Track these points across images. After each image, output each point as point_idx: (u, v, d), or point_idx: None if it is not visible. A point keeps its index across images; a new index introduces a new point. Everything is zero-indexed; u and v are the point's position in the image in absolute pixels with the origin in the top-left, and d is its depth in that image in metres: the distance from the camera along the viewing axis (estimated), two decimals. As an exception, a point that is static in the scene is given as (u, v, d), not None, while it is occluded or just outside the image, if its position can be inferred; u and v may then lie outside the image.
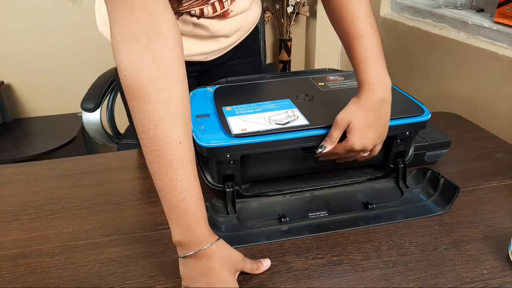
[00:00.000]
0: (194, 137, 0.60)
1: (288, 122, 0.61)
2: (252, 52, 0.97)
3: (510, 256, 0.54)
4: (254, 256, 0.56)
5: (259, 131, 0.59)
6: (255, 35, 0.96)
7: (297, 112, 0.64)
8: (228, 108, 0.67)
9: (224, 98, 0.70)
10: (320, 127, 0.61)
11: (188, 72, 0.86)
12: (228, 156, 0.59)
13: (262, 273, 0.53)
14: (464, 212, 0.64)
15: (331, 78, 0.78)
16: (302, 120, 0.62)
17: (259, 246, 0.58)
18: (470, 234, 0.59)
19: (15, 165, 0.81)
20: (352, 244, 0.58)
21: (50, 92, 1.80)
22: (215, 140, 0.59)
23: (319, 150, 0.60)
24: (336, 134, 0.59)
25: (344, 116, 0.58)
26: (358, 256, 0.56)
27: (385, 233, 0.60)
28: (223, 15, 0.77)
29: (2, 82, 1.71)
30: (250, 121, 0.62)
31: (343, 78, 0.78)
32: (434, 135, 0.75)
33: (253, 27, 0.92)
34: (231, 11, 0.78)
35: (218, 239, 0.50)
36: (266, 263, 0.54)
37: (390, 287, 0.51)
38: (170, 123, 0.46)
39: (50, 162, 0.81)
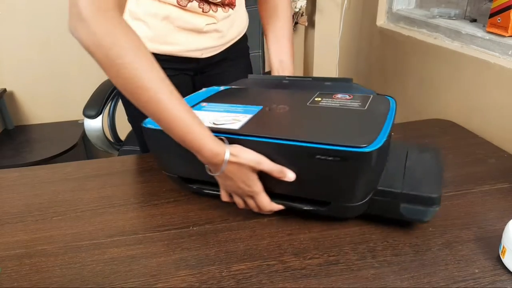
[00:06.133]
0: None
1: (222, 124, 0.61)
2: (243, 54, 1.01)
3: (500, 256, 0.55)
4: (248, 253, 0.58)
5: None
6: (245, 40, 1.01)
7: (246, 118, 0.63)
8: (204, 103, 0.69)
9: (218, 96, 0.73)
10: (239, 133, 0.58)
11: (183, 70, 0.95)
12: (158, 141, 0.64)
13: (261, 272, 0.55)
14: (457, 215, 0.66)
15: (338, 96, 0.69)
16: (235, 125, 0.60)
17: (257, 246, 0.60)
18: (462, 235, 0.61)
19: (20, 169, 0.83)
20: (348, 244, 0.60)
21: (51, 100, 1.82)
22: (152, 124, 0.62)
23: None
24: None
25: None
26: (354, 256, 0.57)
27: (380, 234, 0.61)
28: (230, 2, 0.82)
29: (5, 89, 1.73)
30: (202, 116, 0.62)
31: (350, 97, 0.68)
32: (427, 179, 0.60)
33: (244, 31, 0.98)
34: None
35: (226, 151, 0.56)
36: (290, 174, 0.56)
37: (385, 285, 0.52)
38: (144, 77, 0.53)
39: (54, 167, 0.83)
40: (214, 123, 0.61)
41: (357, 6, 1.64)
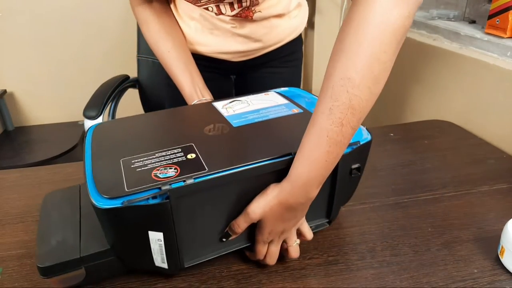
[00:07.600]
0: None
1: (226, 105, 0.65)
2: (290, 63, 0.96)
3: (499, 256, 0.56)
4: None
5: None
6: (296, 46, 0.95)
7: (238, 110, 0.63)
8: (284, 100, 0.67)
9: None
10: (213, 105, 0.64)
11: (215, 68, 0.97)
12: None
13: (261, 272, 0.55)
14: (456, 215, 0.66)
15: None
16: (222, 109, 0.64)
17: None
18: (461, 236, 0.61)
19: (21, 169, 0.83)
20: (348, 245, 0.60)
21: (52, 101, 1.82)
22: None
23: (223, 239, 0.53)
24: (243, 225, 0.51)
25: (258, 210, 0.49)
26: (354, 256, 0.58)
27: (380, 234, 0.62)
28: (246, 16, 0.80)
29: (5, 90, 1.73)
30: (253, 99, 0.66)
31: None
32: None
33: (293, 38, 0.92)
34: (257, 12, 0.80)
35: (195, 101, 0.76)
36: None
37: (384, 285, 0.53)
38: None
39: (55, 167, 0.84)
40: (225, 104, 0.66)
41: (356, 7, 1.64)
